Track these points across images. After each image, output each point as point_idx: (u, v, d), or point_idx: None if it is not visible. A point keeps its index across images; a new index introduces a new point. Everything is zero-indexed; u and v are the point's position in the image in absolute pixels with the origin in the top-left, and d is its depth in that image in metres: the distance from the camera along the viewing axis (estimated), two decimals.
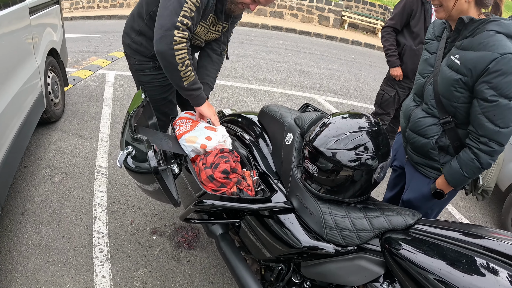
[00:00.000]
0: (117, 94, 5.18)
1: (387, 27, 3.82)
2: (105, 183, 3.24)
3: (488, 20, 1.61)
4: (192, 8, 1.88)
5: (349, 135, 1.62)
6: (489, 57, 1.54)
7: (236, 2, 2.06)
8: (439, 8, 1.71)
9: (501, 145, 1.66)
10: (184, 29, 1.87)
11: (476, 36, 1.62)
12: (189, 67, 1.95)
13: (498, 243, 1.44)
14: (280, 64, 7.88)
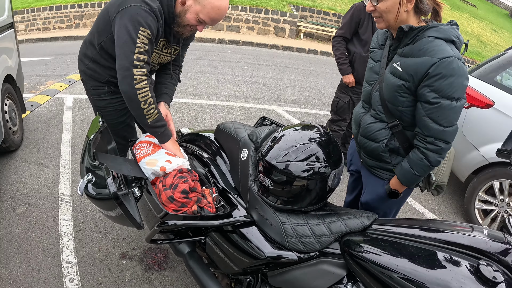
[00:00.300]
0: (76, 118, 5.14)
1: (337, 37, 4.00)
2: (69, 211, 3.22)
3: (427, 27, 1.72)
4: (145, 41, 1.94)
5: (300, 146, 1.70)
6: (429, 62, 1.65)
7: (183, 25, 2.11)
8: (379, 19, 1.80)
9: (448, 143, 1.77)
10: (142, 65, 1.94)
11: (416, 43, 1.72)
12: (152, 105, 2.00)
13: (457, 235, 1.52)
14: (238, 78, 8.00)
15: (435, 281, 1.35)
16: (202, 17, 2.01)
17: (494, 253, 1.42)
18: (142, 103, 1.97)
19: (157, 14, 1.97)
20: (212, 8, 1.99)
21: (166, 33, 2.16)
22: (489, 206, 3.98)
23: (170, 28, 2.14)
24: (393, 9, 1.73)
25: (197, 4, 1.99)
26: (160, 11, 1.99)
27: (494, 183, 3.90)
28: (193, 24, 2.07)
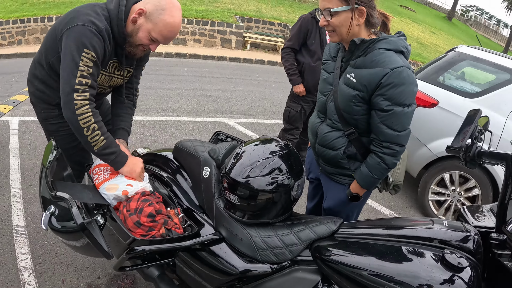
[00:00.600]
0: (23, 142, 4.86)
1: (286, 48, 4.09)
2: (26, 244, 3.01)
3: (378, 40, 1.81)
4: (89, 64, 1.85)
5: (263, 161, 1.73)
6: (381, 73, 1.74)
7: (135, 45, 2.02)
8: (332, 33, 1.86)
9: (402, 146, 1.88)
10: (84, 89, 1.85)
11: (368, 55, 1.81)
12: (96, 131, 1.90)
13: (419, 229, 1.64)
14: (188, 92, 7.94)
15: (404, 273, 1.44)
16: (155, 35, 1.94)
17: (456, 241, 1.54)
18: (84, 130, 1.87)
19: (103, 34, 1.88)
20: (164, 26, 1.92)
21: (117, 54, 2.07)
22: (442, 197, 4.26)
23: (122, 49, 2.05)
24: (345, 23, 1.80)
25: (149, 22, 1.92)
26: (108, 31, 1.90)
27: (444, 175, 4.19)
28: (146, 43, 1.99)
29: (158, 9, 1.90)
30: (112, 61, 2.07)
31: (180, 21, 1.97)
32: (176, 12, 1.93)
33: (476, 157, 1.75)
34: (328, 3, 1.79)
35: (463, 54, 4.42)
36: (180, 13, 1.96)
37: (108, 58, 2.00)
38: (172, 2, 1.93)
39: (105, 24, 1.90)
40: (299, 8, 20.46)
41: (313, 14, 3.95)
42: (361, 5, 1.76)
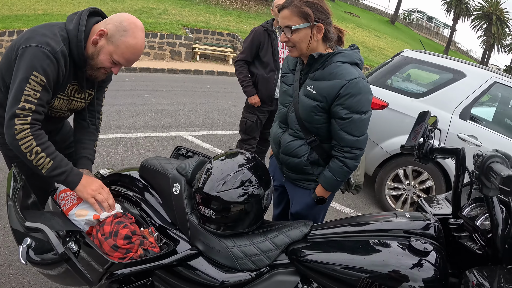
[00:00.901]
0: None
1: (239, 61, 4.15)
2: None
3: (334, 53, 1.95)
4: (36, 88, 1.73)
5: (234, 174, 1.79)
6: (339, 84, 1.88)
7: (96, 68, 1.91)
8: (292, 48, 1.97)
9: (361, 149, 2.02)
10: (26, 114, 1.73)
11: (326, 68, 1.95)
12: (39, 154, 1.78)
13: (384, 223, 1.78)
14: (141, 107, 7.82)
15: (376, 263, 1.60)
16: (116, 58, 1.85)
17: (419, 229, 1.72)
18: (27, 154, 1.76)
19: (58, 56, 1.76)
20: (126, 48, 1.83)
21: (77, 77, 1.97)
22: (398, 192, 4.55)
23: (82, 71, 1.95)
24: (305, 39, 1.92)
25: (110, 44, 1.82)
26: (64, 54, 1.79)
27: (398, 171, 4.48)
28: (107, 66, 1.88)
29: (120, 30, 1.81)
30: (71, 84, 1.96)
31: (143, 42, 1.88)
32: (138, 34, 1.85)
33: (429, 154, 1.90)
34: (289, 21, 1.90)
35: (408, 58, 4.72)
36: (142, 34, 1.88)
37: (65, 81, 1.90)
38: (134, 22, 1.85)
39: (61, 45, 1.79)
40: (247, 18, 20.72)
41: (265, 27, 4.05)
42: (319, 22, 1.89)
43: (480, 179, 1.50)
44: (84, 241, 1.78)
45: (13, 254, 2.99)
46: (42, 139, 1.81)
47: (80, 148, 2.20)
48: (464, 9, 49.61)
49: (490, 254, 1.55)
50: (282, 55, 4.09)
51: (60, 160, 1.86)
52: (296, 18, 1.89)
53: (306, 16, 1.87)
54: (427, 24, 60.49)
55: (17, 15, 14.18)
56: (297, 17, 1.88)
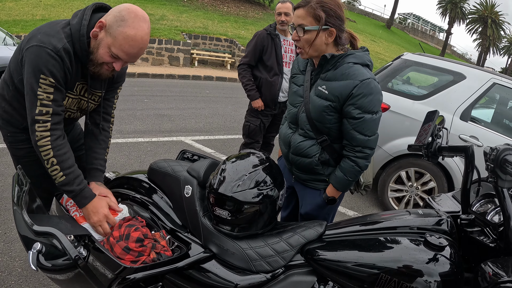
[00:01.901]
0: None
1: (242, 64, 4.17)
2: None
3: (346, 54, 1.99)
4: (48, 90, 1.72)
5: (249, 175, 1.79)
6: (352, 85, 1.91)
7: (98, 64, 1.82)
8: (302, 49, 2.01)
9: (372, 149, 2.05)
10: (45, 119, 1.74)
11: (338, 69, 1.98)
12: (54, 165, 1.79)
13: (395, 220, 1.81)
14: (140, 112, 7.83)
15: (392, 259, 1.64)
16: (115, 51, 1.73)
17: (432, 225, 1.75)
18: (45, 162, 1.78)
19: (61, 54, 1.70)
20: (124, 39, 1.70)
21: (84, 75, 1.90)
22: (401, 193, 4.57)
23: (87, 69, 1.88)
24: (315, 41, 1.96)
25: (108, 36, 1.71)
26: (67, 51, 1.73)
27: (401, 173, 4.51)
28: (107, 60, 1.78)
29: (118, 20, 1.70)
30: (79, 82, 1.92)
31: (145, 33, 1.74)
32: (138, 24, 1.71)
33: (437, 152, 1.95)
34: (303, 20, 1.93)
35: (408, 61, 4.75)
36: (145, 25, 1.74)
37: (73, 79, 1.85)
38: (134, 11, 1.72)
39: (64, 42, 1.72)
40: (245, 24, 20.79)
41: (268, 31, 4.08)
42: (331, 27, 1.93)
43: (495, 171, 1.57)
44: (94, 246, 1.75)
45: (14, 260, 2.97)
46: (60, 150, 1.80)
47: (91, 158, 2.13)
48: (459, 13, 49.93)
49: (503, 247, 1.60)
50: (285, 58, 4.12)
51: (73, 178, 1.83)
52: (310, 19, 1.92)
53: (319, 19, 1.91)
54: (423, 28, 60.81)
55: (16, 20, 14.20)
56: (311, 18, 1.92)
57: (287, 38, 4.15)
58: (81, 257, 1.51)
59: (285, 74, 4.13)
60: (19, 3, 16.40)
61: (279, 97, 4.16)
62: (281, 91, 4.14)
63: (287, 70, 4.13)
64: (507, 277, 1.39)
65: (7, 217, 3.49)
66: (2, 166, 4.51)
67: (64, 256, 1.55)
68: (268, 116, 4.30)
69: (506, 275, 1.40)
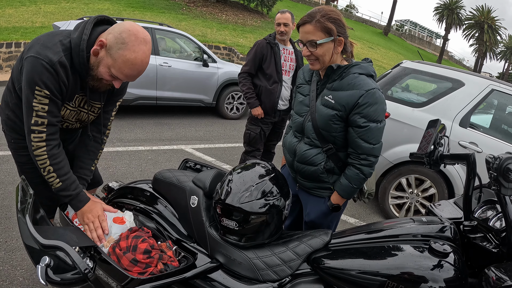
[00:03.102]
0: None
1: (243, 73, 4.23)
2: None
3: (351, 65, 2.05)
4: (44, 101, 1.75)
5: (256, 186, 1.82)
6: (358, 94, 1.97)
7: (97, 78, 1.86)
8: (315, 61, 2.06)
9: (377, 157, 2.09)
10: (40, 130, 1.80)
11: (344, 79, 2.04)
12: (51, 173, 1.87)
13: (400, 228, 1.84)
14: (141, 120, 7.84)
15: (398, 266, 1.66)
16: (115, 72, 1.77)
17: (436, 232, 1.79)
18: (41, 170, 1.86)
19: (56, 68, 1.73)
20: (124, 63, 1.73)
21: (83, 87, 1.95)
22: (401, 200, 4.60)
23: (86, 82, 1.91)
24: (328, 52, 2.02)
25: (109, 56, 1.75)
26: (63, 64, 1.75)
27: (401, 180, 4.54)
28: (107, 79, 1.83)
29: (118, 42, 1.72)
30: (78, 95, 1.96)
31: (145, 56, 1.77)
32: (138, 47, 1.74)
33: (439, 160, 2.00)
34: (312, 36, 1.99)
35: (408, 69, 4.79)
36: (145, 47, 1.76)
37: (71, 90, 1.89)
38: (135, 34, 1.73)
39: (60, 56, 1.75)
40: (243, 32, 20.86)
41: (268, 40, 4.14)
42: (340, 36, 2.01)
43: (498, 180, 1.61)
44: (100, 257, 1.76)
45: (15, 269, 2.98)
46: (56, 159, 1.88)
47: (77, 166, 2.17)
48: (456, 19, 50.32)
49: (506, 252, 1.64)
50: (284, 67, 4.17)
51: (69, 184, 1.93)
52: (320, 33, 1.98)
53: (329, 31, 1.98)
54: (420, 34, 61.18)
55: (15, 27, 14.19)
56: (321, 32, 1.98)
57: (287, 47, 4.22)
58: (90, 270, 1.52)
59: (285, 82, 4.19)
60: (18, 10, 16.44)
61: (278, 105, 4.22)
62: (280, 99, 4.20)
63: (286, 78, 4.20)
64: (510, 281, 1.43)
65: (7, 226, 3.50)
66: (2, 174, 4.52)
67: (72, 269, 1.56)
68: (268, 124, 4.34)
69: (509, 279, 1.44)
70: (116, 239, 1.89)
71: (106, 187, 2.56)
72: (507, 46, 56.50)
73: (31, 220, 1.72)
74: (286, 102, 4.28)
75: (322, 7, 2.04)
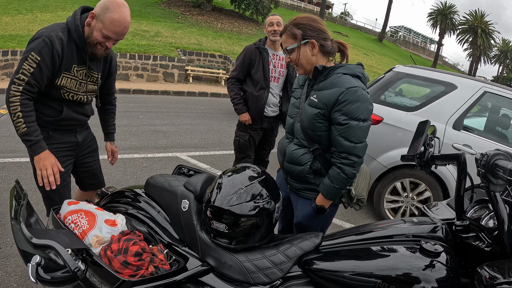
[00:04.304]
0: None
1: (231, 78, 4.14)
2: None
3: (337, 66, 2.11)
4: (31, 64, 2.18)
5: (245, 188, 1.82)
6: (338, 92, 2.00)
7: (93, 44, 2.30)
8: (297, 66, 2.19)
9: (359, 157, 2.08)
10: (19, 83, 2.18)
11: (328, 79, 2.09)
12: (19, 118, 2.20)
13: (391, 229, 1.84)
14: (136, 128, 7.85)
15: (388, 267, 1.66)
16: (106, 32, 2.24)
17: (428, 233, 1.79)
18: (12, 115, 2.21)
19: (52, 39, 2.19)
20: (111, 23, 2.21)
21: (81, 61, 2.38)
22: (397, 204, 4.60)
23: (84, 52, 2.35)
24: (303, 56, 2.14)
25: (99, 22, 2.23)
26: (59, 37, 2.22)
27: (396, 184, 4.54)
28: (101, 41, 2.28)
29: (104, 9, 2.21)
30: (77, 67, 2.37)
31: (126, 16, 2.25)
32: (120, 9, 2.22)
33: (430, 161, 1.99)
34: (285, 43, 2.18)
35: (400, 73, 4.81)
36: (125, 9, 2.25)
37: (68, 61, 2.31)
38: (115, 1, 2.22)
39: (57, 32, 2.23)
40: (239, 40, 20.97)
41: (257, 45, 4.04)
42: (310, 39, 2.09)
43: (487, 176, 1.61)
44: (92, 260, 1.77)
45: (10, 275, 2.96)
46: (26, 108, 2.23)
47: (105, 126, 2.97)
48: (450, 24, 50.66)
49: (498, 250, 1.63)
50: (274, 73, 4.06)
51: (32, 131, 2.26)
52: (290, 40, 2.15)
53: (295, 37, 2.12)
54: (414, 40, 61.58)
55: (12, 35, 14.22)
56: (291, 38, 2.14)
57: (277, 53, 4.09)
58: (80, 269, 1.53)
59: (272, 89, 4.07)
60: (15, 18, 16.50)
61: (267, 112, 4.11)
62: (268, 105, 4.09)
63: (275, 85, 4.08)
64: (503, 278, 1.42)
65: (2, 232, 3.49)
66: None
67: (63, 269, 1.57)
68: (257, 130, 4.21)
69: (502, 277, 1.43)
70: (106, 239, 1.90)
71: (99, 193, 2.57)
72: (501, 49, 56.91)
73: (23, 222, 1.76)
74: (275, 108, 4.16)
75: (295, 16, 2.18)
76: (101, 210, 2.09)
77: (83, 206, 2.07)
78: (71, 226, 1.96)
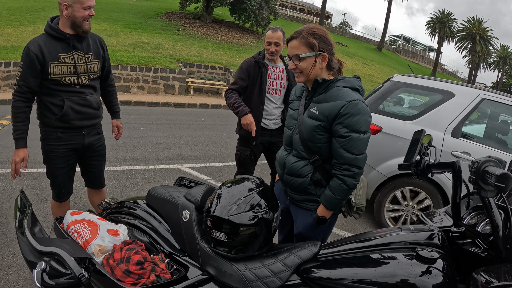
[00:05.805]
0: None
1: (229, 90, 3.95)
2: None
3: (337, 79, 2.14)
4: (19, 70, 2.64)
5: (244, 199, 1.87)
6: (340, 105, 2.03)
7: (81, 23, 2.68)
8: (300, 74, 2.17)
9: (360, 168, 2.10)
10: (14, 89, 2.67)
11: (329, 92, 2.11)
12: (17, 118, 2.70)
13: (388, 237, 1.87)
14: (137, 140, 7.89)
15: (386, 275, 1.68)
16: (84, 4, 2.62)
17: (424, 240, 1.81)
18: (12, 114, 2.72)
19: (29, 45, 2.63)
20: None
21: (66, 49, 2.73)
22: (397, 213, 4.61)
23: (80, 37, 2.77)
24: (311, 66, 2.12)
25: (73, 4, 2.60)
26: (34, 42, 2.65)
27: (396, 193, 4.55)
28: (85, 15, 2.66)
29: None
30: (63, 54, 2.72)
31: None
32: None
33: (426, 169, 2.04)
34: (297, 50, 2.13)
35: (398, 83, 4.85)
36: None
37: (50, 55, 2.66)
38: None
39: (34, 39, 2.66)
40: (239, 52, 21.08)
41: (256, 58, 3.92)
42: (323, 52, 2.10)
43: (478, 183, 1.64)
44: (95, 268, 1.81)
45: (11, 285, 2.98)
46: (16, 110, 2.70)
47: (109, 106, 3.38)
48: (448, 32, 50.95)
49: (494, 255, 1.66)
50: (275, 86, 3.92)
51: (15, 130, 2.73)
52: (303, 48, 2.11)
53: (312, 46, 2.09)
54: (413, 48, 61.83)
55: (14, 46, 14.33)
56: (305, 46, 2.10)
57: (277, 64, 3.95)
58: (85, 276, 1.57)
59: (273, 103, 3.93)
60: (17, 29, 16.62)
61: (269, 125, 3.95)
62: (269, 118, 3.94)
63: (276, 98, 3.93)
64: (498, 282, 1.45)
65: (4, 243, 3.50)
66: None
67: (67, 275, 1.61)
68: (258, 145, 3.98)
69: (497, 281, 1.46)
70: (109, 249, 1.94)
71: (101, 204, 2.63)
72: (500, 55, 57.09)
73: (29, 230, 1.81)
74: (277, 120, 3.99)
75: (309, 25, 2.16)
76: (104, 220, 2.15)
77: (85, 216, 2.12)
78: (74, 235, 2.01)
